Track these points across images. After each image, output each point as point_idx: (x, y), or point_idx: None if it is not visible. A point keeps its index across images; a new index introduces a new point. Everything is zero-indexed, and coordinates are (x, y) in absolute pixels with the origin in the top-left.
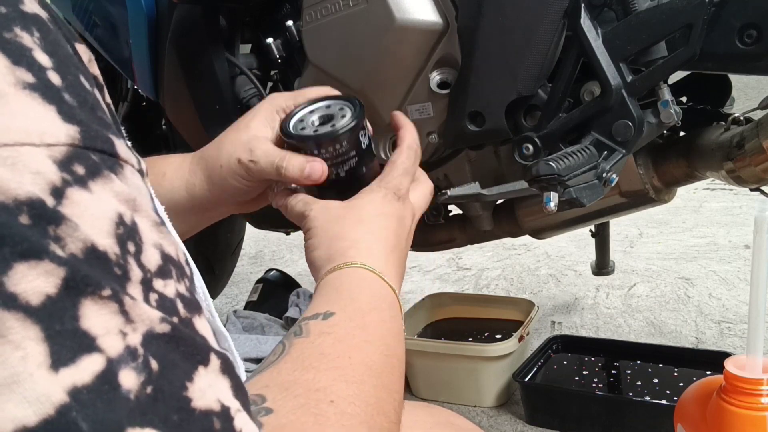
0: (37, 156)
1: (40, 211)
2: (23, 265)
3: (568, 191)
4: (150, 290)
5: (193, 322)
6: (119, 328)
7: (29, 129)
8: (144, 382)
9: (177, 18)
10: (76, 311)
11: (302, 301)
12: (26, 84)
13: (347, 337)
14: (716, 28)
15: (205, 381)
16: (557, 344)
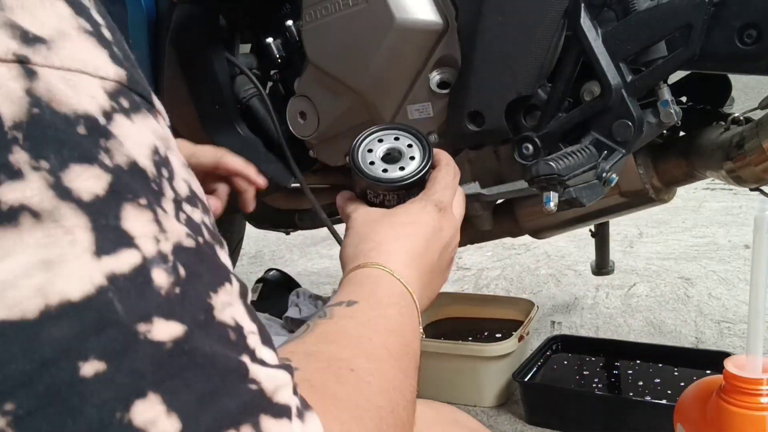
0: (93, 84)
1: (94, 125)
2: (78, 167)
3: (568, 191)
4: (180, 210)
5: (216, 249)
6: (154, 234)
7: (87, 61)
8: (173, 283)
9: (177, 18)
10: (118, 212)
11: (302, 301)
12: (86, 30)
13: (369, 323)
14: (716, 28)
15: (227, 298)
16: (557, 344)
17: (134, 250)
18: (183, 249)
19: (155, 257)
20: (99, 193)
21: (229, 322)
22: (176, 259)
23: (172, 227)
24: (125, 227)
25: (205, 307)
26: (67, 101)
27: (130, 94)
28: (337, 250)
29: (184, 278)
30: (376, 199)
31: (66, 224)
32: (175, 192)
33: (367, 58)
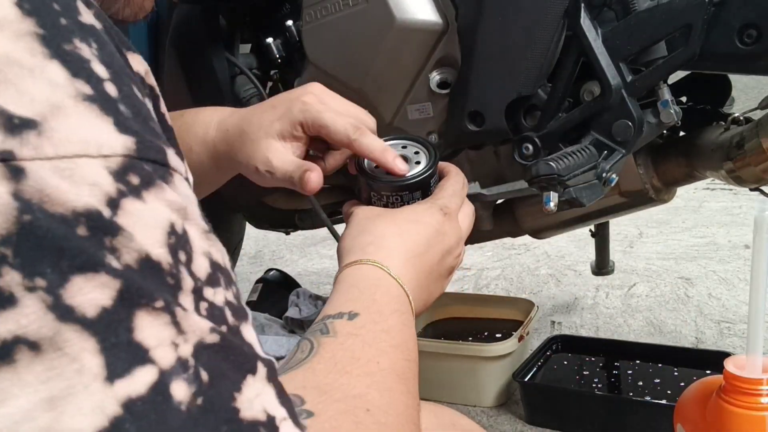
0: (94, 167)
1: (97, 222)
2: (80, 278)
3: (568, 191)
4: (200, 299)
5: (241, 330)
6: (171, 339)
7: (87, 140)
8: (195, 393)
9: (177, 18)
10: (130, 323)
11: (302, 301)
12: (85, 96)
13: (375, 341)
14: (716, 28)
15: (253, 390)
16: (557, 344)
17: (150, 366)
18: (205, 347)
19: (174, 368)
20: (107, 304)
21: (259, 418)
22: (198, 363)
23: (192, 325)
24: (138, 339)
25: (232, 412)
26: (64, 198)
27: (140, 166)
28: None
29: (206, 383)
30: (380, 202)
31: (70, 351)
32: (194, 277)
33: (367, 58)
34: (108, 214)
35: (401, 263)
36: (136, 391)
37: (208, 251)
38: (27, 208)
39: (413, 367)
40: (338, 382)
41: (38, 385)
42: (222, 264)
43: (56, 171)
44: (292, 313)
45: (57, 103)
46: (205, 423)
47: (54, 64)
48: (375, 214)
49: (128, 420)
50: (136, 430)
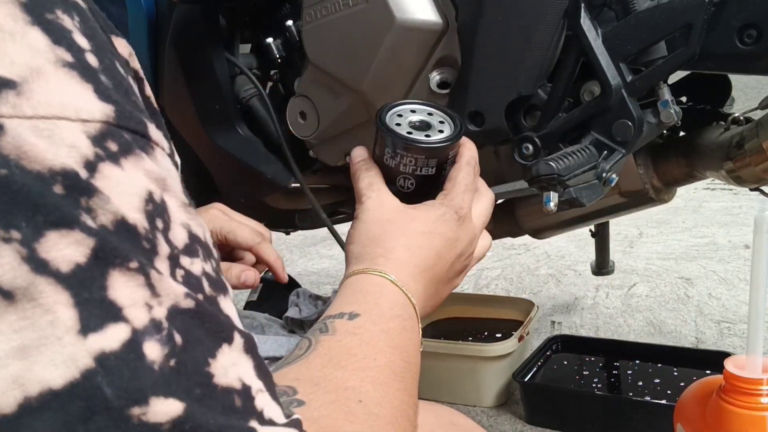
0: (73, 130)
1: (73, 182)
2: (55, 234)
3: (568, 191)
4: (177, 266)
5: (218, 301)
6: (145, 300)
7: (66, 104)
8: (168, 355)
9: (177, 18)
10: (104, 281)
11: (302, 301)
12: (65, 62)
13: (373, 340)
14: (716, 28)
15: (228, 359)
16: (557, 344)
17: (123, 324)
18: (180, 312)
19: (147, 328)
20: (80, 261)
21: (234, 385)
22: (171, 326)
23: (167, 289)
24: (112, 297)
25: (205, 376)
26: (41, 156)
27: (119, 134)
28: (338, 251)
29: (180, 346)
30: (392, 161)
31: (44, 302)
32: (171, 245)
33: (367, 58)
34: (85, 175)
35: (410, 276)
36: (109, 346)
37: (187, 223)
38: (4, 163)
39: (412, 369)
40: (332, 376)
41: (11, 333)
42: (201, 237)
43: (34, 130)
44: (292, 313)
45: (37, 67)
46: (177, 383)
47: (35, 30)
48: (387, 217)
49: (100, 373)
50: (107, 384)
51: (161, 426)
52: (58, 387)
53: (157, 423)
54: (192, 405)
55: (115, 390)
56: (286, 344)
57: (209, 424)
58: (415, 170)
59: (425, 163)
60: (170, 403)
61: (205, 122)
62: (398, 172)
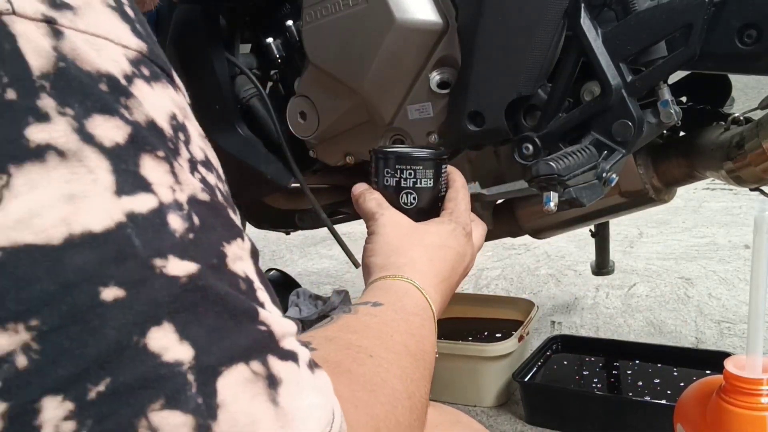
0: (115, 50)
1: (115, 84)
2: (100, 117)
3: (568, 191)
4: (195, 169)
5: (229, 209)
6: (170, 184)
7: (110, 31)
8: (188, 229)
9: (177, 18)
10: (137, 160)
11: (302, 301)
12: (108, 4)
13: (392, 323)
14: (716, 28)
15: (238, 251)
16: (557, 344)
17: (152, 195)
18: (197, 201)
19: (171, 204)
20: (119, 141)
21: (240, 274)
22: (191, 209)
23: (188, 180)
24: (143, 173)
25: (219, 253)
26: (91, 61)
27: (150, 65)
28: (338, 251)
29: (198, 226)
30: (393, 179)
31: (89, 164)
32: (191, 154)
33: (367, 58)
34: (124, 83)
35: (431, 286)
36: (138, 208)
37: (204, 148)
38: (63, 59)
39: (427, 358)
40: (347, 337)
41: (62, 183)
42: (215, 164)
43: (87, 42)
44: (292, 313)
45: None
46: (195, 251)
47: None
48: (404, 232)
49: (130, 227)
50: (136, 235)
51: (179, 279)
52: (97, 230)
53: (176, 275)
54: (205, 269)
55: (142, 242)
56: None
57: (218, 287)
58: (415, 183)
59: (423, 174)
60: (186, 264)
61: (205, 122)
62: (400, 188)
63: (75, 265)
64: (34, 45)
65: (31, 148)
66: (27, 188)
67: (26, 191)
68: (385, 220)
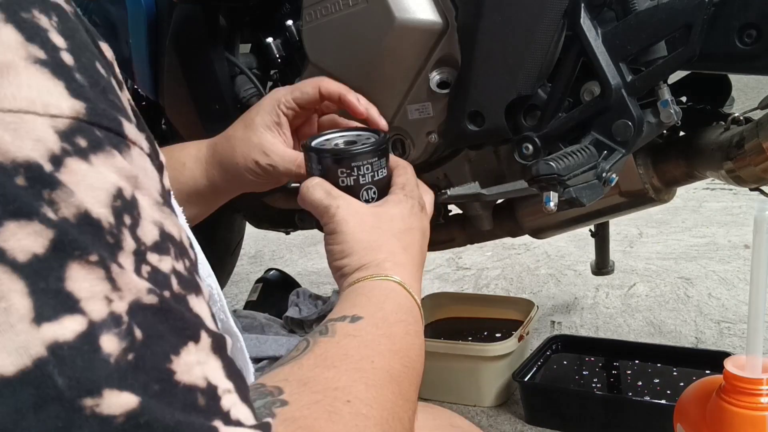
0: (40, 124)
1: (36, 174)
2: (13, 224)
3: (568, 191)
4: (143, 262)
5: (187, 299)
6: (105, 294)
7: (34, 99)
8: (126, 349)
9: (177, 18)
10: (62, 272)
11: (302, 301)
12: (37, 59)
13: (372, 343)
14: (716, 28)
15: (194, 357)
16: (557, 344)
17: (79, 316)
18: (141, 308)
19: (105, 321)
20: (38, 252)
21: (198, 384)
22: (132, 320)
23: (129, 284)
24: (69, 289)
25: (165, 373)
26: (4, 149)
27: (90, 130)
28: None
29: (140, 341)
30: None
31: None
32: (138, 241)
33: (367, 57)
34: (49, 168)
35: (411, 276)
36: (63, 336)
37: (160, 222)
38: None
39: (411, 374)
40: (322, 376)
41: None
42: (175, 236)
43: (1, 123)
44: (291, 313)
45: (7, 63)
46: (134, 377)
47: (8, 27)
48: (368, 224)
49: (52, 362)
50: (59, 373)
51: (115, 418)
52: (9, 374)
53: (110, 415)
54: (148, 400)
55: (66, 380)
56: (286, 344)
57: (166, 419)
58: (374, 176)
59: (380, 165)
60: (125, 397)
61: (205, 122)
62: (359, 186)
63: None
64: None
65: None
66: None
67: None
68: (343, 214)
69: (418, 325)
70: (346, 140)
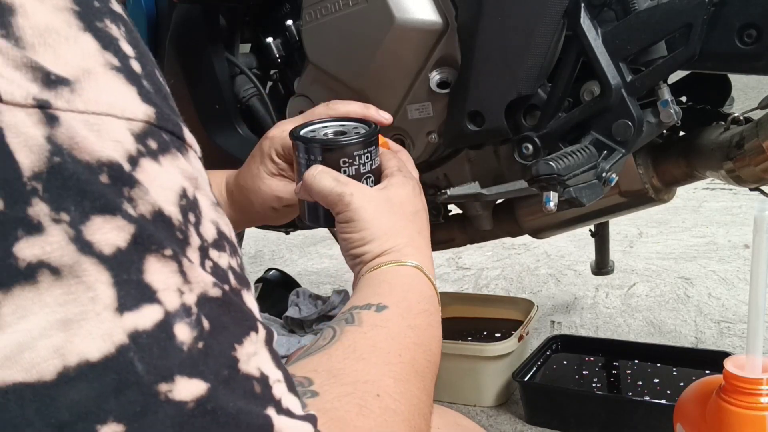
0: (119, 127)
1: (117, 173)
2: (100, 219)
3: (568, 191)
4: (206, 258)
5: (242, 294)
6: (177, 286)
7: (113, 103)
8: (196, 338)
9: (177, 18)
10: (141, 265)
11: (302, 301)
12: (113, 66)
13: (399, 335)
14: (716, 28)
15: (252, 347)
16: (557, 344)
17: (157, 305)
18: (208, 300)
19: (178, 311)
20: (121, 245)
21: (254, 374)
22: (200, 311)
23: (197, 277)
24: (148, 280)
25: (230, 360)
26: (90, 148)
27: (158, 134)
28: (338, 251)
29: (208, 331)
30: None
31: (87, 279)
32: (202, 238)
33: (366, 57)
34: (128, 168)
35: (428, 260)
36: (142, 324)
37: (216, 221)
38: (58, 152)
39: (433, 369)
40: (352, 368)
41: (56, 306)
42: (228, 235)
43: (86, 124)
44: (291, 313)
45: (88, 69)
46: (204, 364)
47: (87, 36)
48: (383, 208)
49: (132, 349)
50: (139, 359)
51: (186, 404)
52: (94, 359)
53: (182, 401)
54: (216, 387)
55: (145, 366)
56: (286, 344)
57: (229, 406)
58: (371, 165)
59: (376, 153)
60: (195, 383)
61: (205, 122)
62: (360, 175)
63: (70, 403)
64: (24, 138)
65: (21, 269)
66: (16, 317)
67: (15, 321)
68: (358, 201)
69: (438, 314)
70: (335, 131)
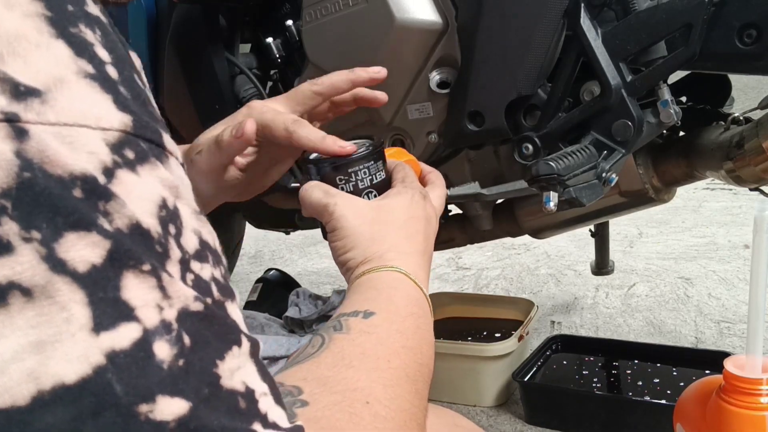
0: (93, 138)
1: (92, 186)
2: (73, 235)
3: (568, 191)
4: (187, 270)
5: (226, 306)
6: (156, 302)
7: (87, 113)
8: (177, 355)
9: (177, 18)
10: (118, 282)
11: (302, 301)
12: (87, 73)
13: (388, 340)
14: (716, 28)
15: (235, 362)
16: (557, 344)
17: (134, 324)
18: (189, 314)
19: (158, 328)
20: (96, 262)
21: (238, 388)
22: (181, 327)
23: (177, 292)
24: (125, 297)
25: (212, 377)
26: (63, 161)
27: (136, 143)
28: None
29: (189, 347)
30: (349, 184)
31: (60, 299)
32: (183, 250)
33: (367, 57)
34: (103, 180)
35: (417, 266)
36: (119, 344)
37: (198, 230)
38: (28, 166)
39: (425, 372)
40: (341, 375)
41: (28, 329)
42: (211, 244)
43: (57, 136)
44: (291, 313)
45: (60, 77)
46: (185, 382)
47: (59, 42)
48: (369, 218)
49: (110, 370)
50: (117, 380)
51: (167, 424)
52: (70, 382)
53: (163, 421)
54: (198, 405)
55: (124, 387)
56: (286, 344)
57: (213, 424)
58: (373, 179)
59: (377, 168)
60: (176, 402)
61: (205, 122)
62: (359, 190)
63: (45, 427)
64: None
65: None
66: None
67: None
68: (341, 210)
69: (428, 317)
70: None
